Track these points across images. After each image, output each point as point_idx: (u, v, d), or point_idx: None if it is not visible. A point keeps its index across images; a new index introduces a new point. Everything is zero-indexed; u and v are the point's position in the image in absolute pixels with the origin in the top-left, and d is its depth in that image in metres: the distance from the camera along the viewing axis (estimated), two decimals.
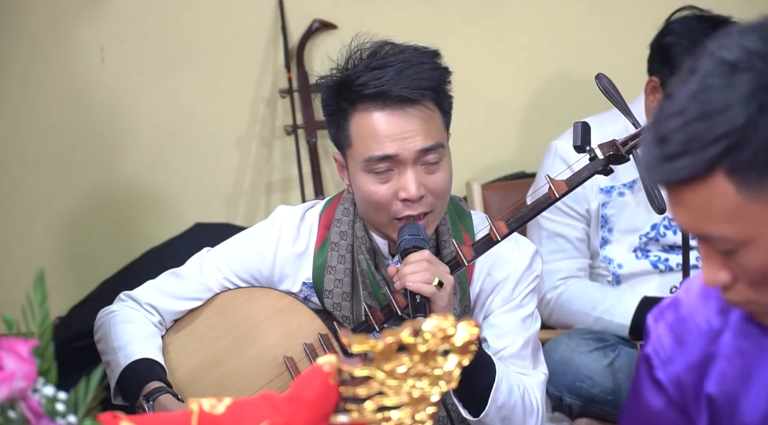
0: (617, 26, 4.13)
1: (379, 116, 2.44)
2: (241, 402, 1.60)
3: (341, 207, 2.59)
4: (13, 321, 1.53)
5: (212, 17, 3.97)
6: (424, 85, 2.44)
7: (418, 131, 2.43)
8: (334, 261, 2.55)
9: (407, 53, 2.47)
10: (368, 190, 2.46)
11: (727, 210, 1.53)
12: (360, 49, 2.49)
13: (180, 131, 3.98)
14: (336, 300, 2.55)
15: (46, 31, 3.85)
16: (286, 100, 3.98)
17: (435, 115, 2.47)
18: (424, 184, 2.45)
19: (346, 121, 2.47)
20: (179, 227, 3.89)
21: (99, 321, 2.66)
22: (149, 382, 2.49)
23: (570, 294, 3.36)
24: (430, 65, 2.47)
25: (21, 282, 2.43)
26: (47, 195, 3.91)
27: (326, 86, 2.51)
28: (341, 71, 2.49)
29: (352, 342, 1.53)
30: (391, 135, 2.43)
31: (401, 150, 2.43)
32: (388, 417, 1.57)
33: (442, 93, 2.49)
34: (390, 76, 2.43)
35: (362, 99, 2.44)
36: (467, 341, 1.55)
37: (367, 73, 2.44)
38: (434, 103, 2.47)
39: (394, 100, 2.43)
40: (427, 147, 2.44)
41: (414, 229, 2.44)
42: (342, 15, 3.99)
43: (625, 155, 2.50)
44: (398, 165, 2.44)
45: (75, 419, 1.50)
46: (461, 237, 2.56)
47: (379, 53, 2.47)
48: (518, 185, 3.73)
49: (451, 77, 2.51)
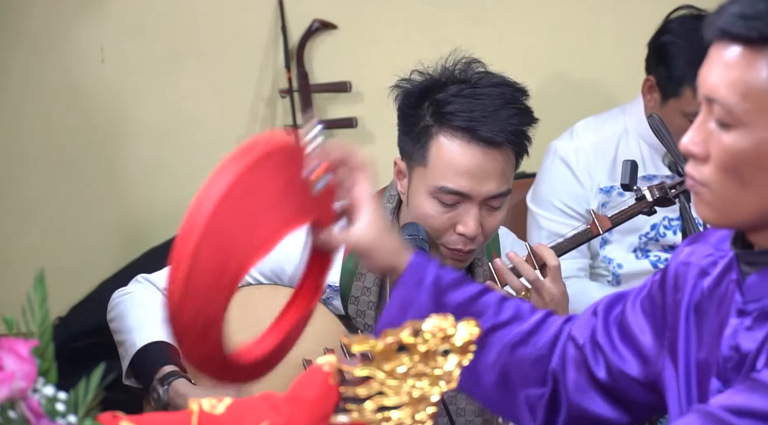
0: (617, 26, 4.13)
1: (462, 150, 2.43)
2: (241, 402, 1.60)
3: None
4: (13, 321, 1.53)
5: (212, 17, 3.96)
6: (511, 129, 2.44)
7: (496, 175, 2.44)
8: (365, 268, 2.54)
9: (501, 88, 2.46)
10: (428, 214, 2.46)
11: (750, 85, 1.60)
12: (454, 67, 2.47)
13: (180, 131, 3.98)
14: (361, 308, 2.55)
15: (46, 31, 3.85)
16: (286, 100, 3.98)
17: (512, 159, 2.47)
18: (482, 223, 2.46)
19: (428, 140, 2.46)
20: (179, 227, 3.87)
21: (114, 300, 2.64)
22: (164, 366, 2.48)
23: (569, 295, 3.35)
24: (519, 108, 2.47)
25: (21, 282, 2.42)
26: (47, 195, 3.90)
27: (408, 92, 2.49)
28: (430, 82, 2.47)
29: (352, 342, 1.53)
30: (469, 172, 2.43)
31: (474, 190, 2.43)
32: (388, 417, 1.57)
33: (525, 138, 2.49)
34: (483, 112, 2.42)
35: (450, 126, 2.43)
36: (467, 341, 1.55)
37: (459, 99, 2.43)
38: (514, 147, 2.47)
39: (482, 140, 2.42)
40: (498, 193, 2.45)
41: (414, 229, 2.43)
42: (342, 15, 3.98)
43: (672, 199, 2.51)
44: (465, 201, 2.45)
45: (75, 419, 1.50)
46: (490, 255, 2.58)
47: (471, 80, 2.46)
48: (518, 185, 3.70)
49: (534, 122, 2.50)
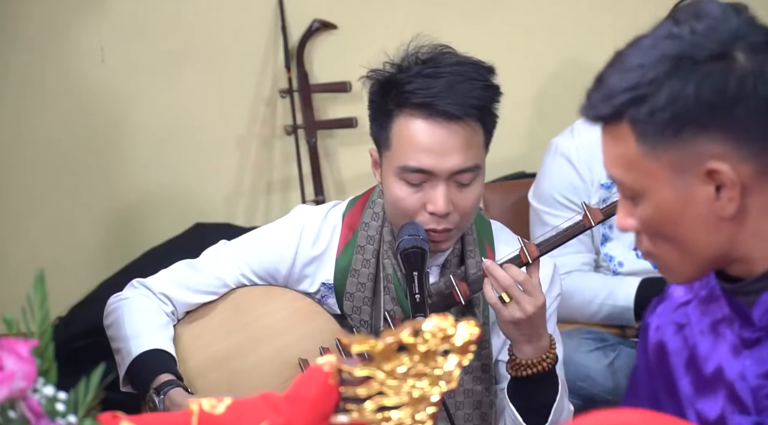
0: (617, 26, 4.13)
1: (422, 126, 2.40)
2: (241, 402, 1.60)
3: (370, 211, 2.56)
4: (13, 321, 1.53)
5: (212, 17, 3.97)
6: (472, 103, 2.40)
7: (459, 149, 2.40)
8: (358, 264, 2.53)
9: (462, 66, 2.43)
10: (397, 196, 2.44)
11: (627, 158, 1.66)
12: (417, 51, 2.45)
13: (180, 131, 3.98)
14: (356, 304, 2.53)
15: (45, 31, 3.85)
16: (286, 100, 3.98)
17: (477, 135, 2.44)
18: (454, 201, 2.42)
19: (390, 122, 2.44)
20: (179, 227, 3.88)
21: (110, 306, 2.63)
22: (160, 374, 2.47)
23: (570, 287, 3.35)
24: (482, 83, 2.43)
25: (21, 282, 2.42)
26: (47, 195, 3.91)
27: (376, 81, 2.48)
28: (393, 68, 2.45)
29: (352, 342, 1.53)
30: (430, 148, 2.40)
31: (438, 166, 2.40)
32: (388, 417, 1.57)
33: (488, 112, 2.45)
34: (440, 88, 2.39)
35: (409, 105, 2.41)
36: (467, 341, 1.55)
37: (418, 79, 2.41)
38: (479, 122, 2.43)
39: (440, 114, 2.39)
40: (463, 168, 2.41)
41: (414, 229, 2.42)
42: (342, 15, 3.99)
43: None
44: (431, 178, 2.41)
45: (75, 419, 1.50)
46: (485, 252, 2.55)
47: (434, 59, 2.43)
48: (518, 185, 3.73)
49: (500, 97, 2.47)
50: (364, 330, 2.52)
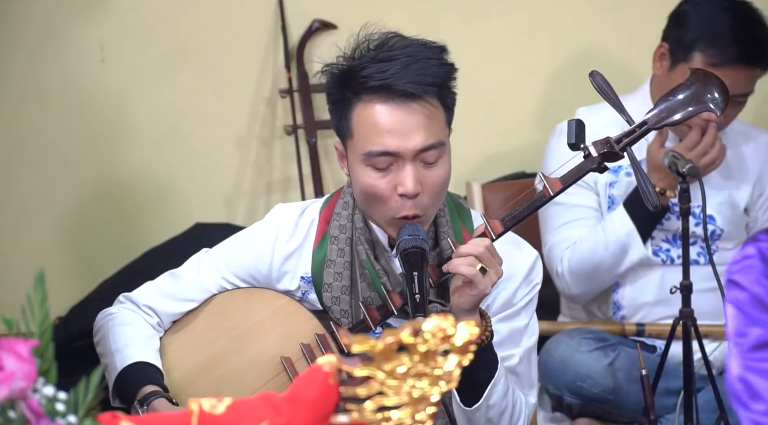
0: (617, 26, 4.13)
1: (381, 109, 2.43)
2: (241, 402, 1.60)
3: (341, 201, 2.58)
4: (13, 321, 1.53)
5: (212, 17, 3.97)
6: (428, 81, 2.42)
7: (420, 128, 2.42)
8: (333, 254, 2.54)
9: (414, 47, 2.45)
10: (367, 183, 2.45)
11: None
12: (368, 40, 2.48)
13: (180, 131, 3.98)
14: (335, 294, 2.54)
15: (46, 31, 3.85)
16: (286, 100, 3.98)
17: (438, 112, 2.46)
18: (422, 180, 2.43)
19: (349, 112, 2.46)
20: (179, 227, 3.89)
21: (98, 323, 2.65)
22: (144, 386, 2.48)
23: (573, 257, 3.33)
24: (436, 61, 2.46)
25: (21, 282, 2.42)
26: (47, 195, 3.91)
27: (331, 74, 2.50)
28: (347, 60, 2.48)
29: (352, 343, 1.53)
30: (392, 130, 2.42)
31: (402, 146, 2.42)
32: (388, 417, 1.57)
33: (446, 89, 2.48)
34: (395, 69, 2.41)
35: (366, 90, 2.43)
36: (467, 341, 1.55)
37: (372, 64, 2.43)
38: (438, 100, 2.45)
39: (398, 95, 2.41)
40: (427, 145, 2.43)
41: (414, 229, 2.43)
42: (342, 15, 3.98)
43: (619, 152, 2.49)
44: (398, 160, 2.43)
45: (75, 419, 1.50)
46: (460, 234, 2.55)
47: (386, 45, 2.46)
48: (518, 185, 3.72)
49: (456, 74, 2.50)
50: (345, 321, 2.52)
